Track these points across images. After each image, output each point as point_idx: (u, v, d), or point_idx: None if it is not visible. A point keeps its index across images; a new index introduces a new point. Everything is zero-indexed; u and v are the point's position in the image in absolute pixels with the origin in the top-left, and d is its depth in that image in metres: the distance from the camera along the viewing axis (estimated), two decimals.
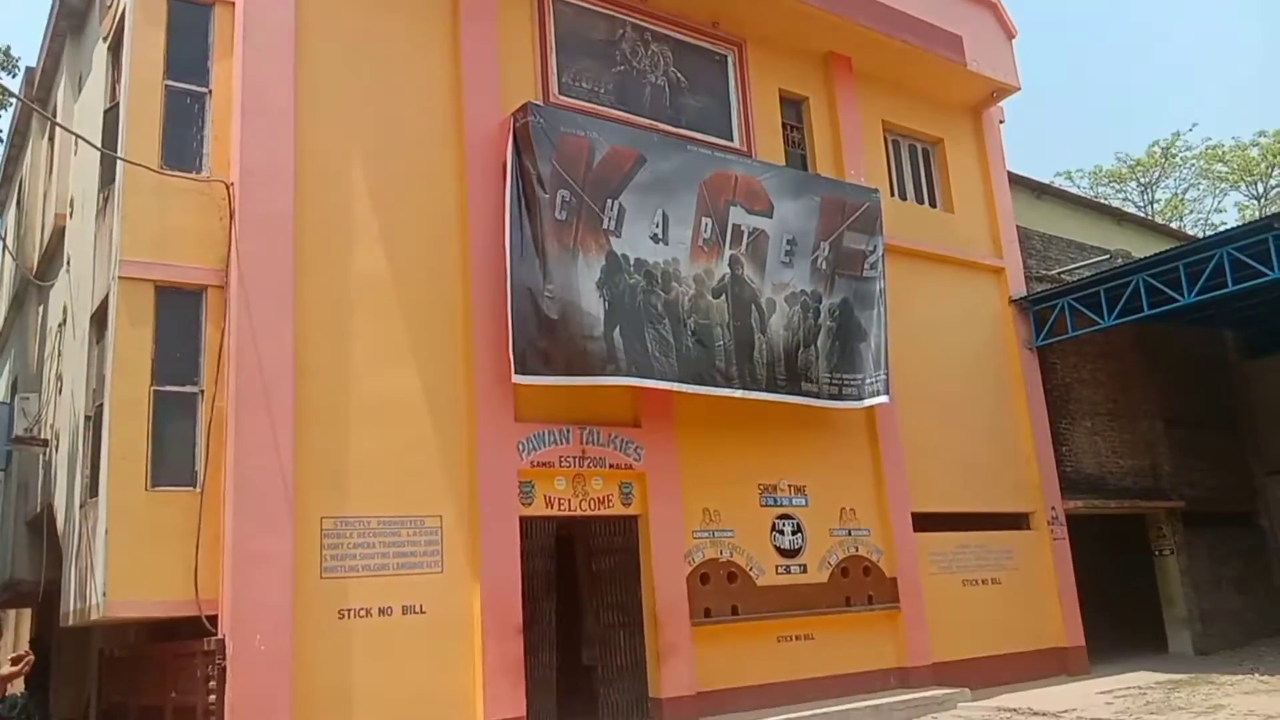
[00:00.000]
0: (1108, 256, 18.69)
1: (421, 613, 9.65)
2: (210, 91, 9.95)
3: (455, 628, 9.81)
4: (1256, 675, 14.00)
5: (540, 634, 10.60)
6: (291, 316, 9.53)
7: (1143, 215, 34.46)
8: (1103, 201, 31.98)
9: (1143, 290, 15.05)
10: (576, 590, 12.54)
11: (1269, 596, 19.82)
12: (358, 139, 10.46)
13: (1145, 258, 15.89)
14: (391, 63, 10.87)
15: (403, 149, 10.73)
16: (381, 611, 9.44)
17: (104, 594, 8.64)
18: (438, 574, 9.85)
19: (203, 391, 9.32)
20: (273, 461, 9.11)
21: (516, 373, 10.31)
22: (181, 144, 9.73)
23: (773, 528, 12.58)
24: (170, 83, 9.79)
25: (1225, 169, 38.47)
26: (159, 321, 9.26)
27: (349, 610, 9.29)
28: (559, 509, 10.98)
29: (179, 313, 9.36)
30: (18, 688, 15.38)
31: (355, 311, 10.05)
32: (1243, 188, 38.80)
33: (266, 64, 9.93)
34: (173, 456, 9.11)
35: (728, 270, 12.13)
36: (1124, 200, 38.76)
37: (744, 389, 11.97)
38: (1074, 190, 33.58)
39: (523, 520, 10.58)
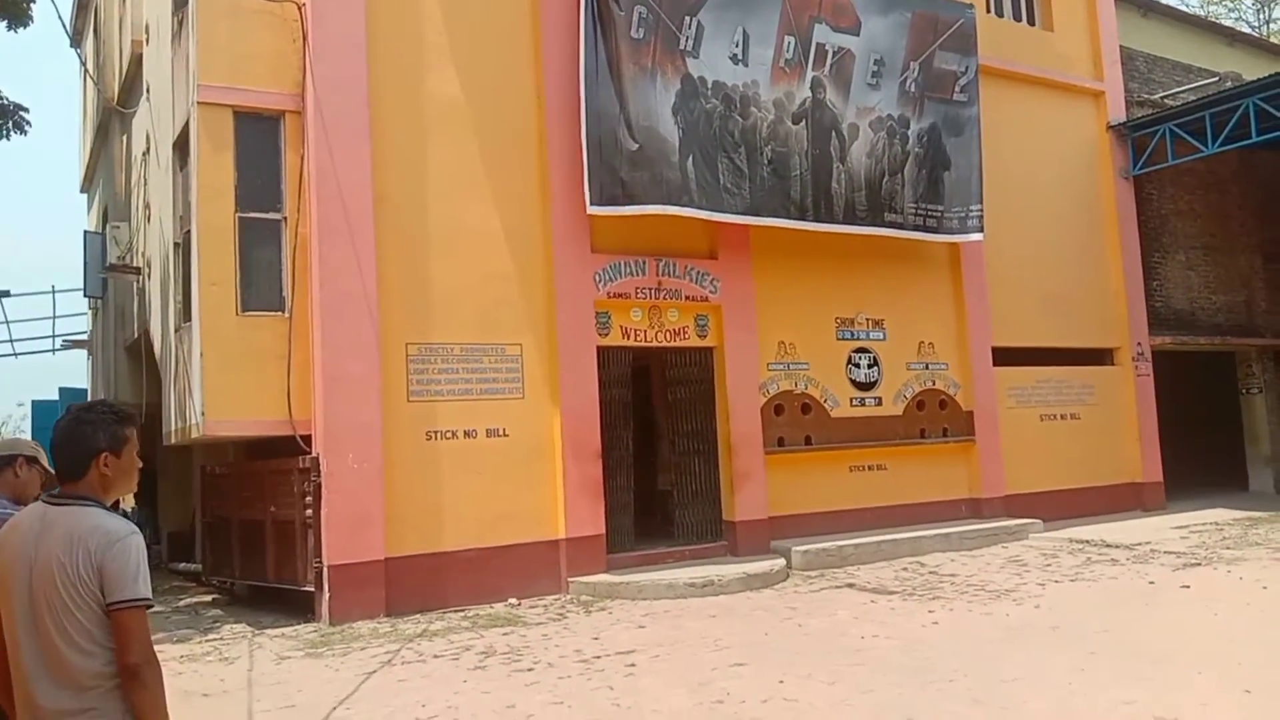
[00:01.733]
0: (1216, 79, 17.61)
1: (505, 435, 10.04)
2: None
3: (537, 450, 10.21)
4: None
5: (618, 459, 10.98)
6: (369, 143, 9.58)
7: (1257, 35, 32.13)
8: (1214, 20, 29.86)
9: (1253, 115, 14.21)
10: (653, 419, 12.87)
11: None
12: None
13: (1258, 80, 14.92)
14: None
15: None
16: (467, 434, 9.84)
17: (202, 414, 9.14)
18: (519, 400, 10.17)
19: (286, 218, 9.52)
20: (357, 287, 9.36)
21: (592, 203, 10.30)
22: None
23: (849, 361, 12.65)
24: None
25: None
26: (239, 147, 9.39)
27: (436, 432, 9.70)
28: (635, 340, 11.16)
29: (259, 138, 9.48)
30: (129, 503, 16.54)
31: (431, 138, 10.04)
32: None
33: None
34: (261, 282, 9.42)
35: (809, 94, 11.76)
36: (1237, 20, 36.12)
37: (819, 221, 11.80)
38: (1183, 8, 31.37)
39: (600, 350, 10.79)
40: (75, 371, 38.33)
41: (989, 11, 14.64)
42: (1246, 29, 33.88)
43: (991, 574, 10.25)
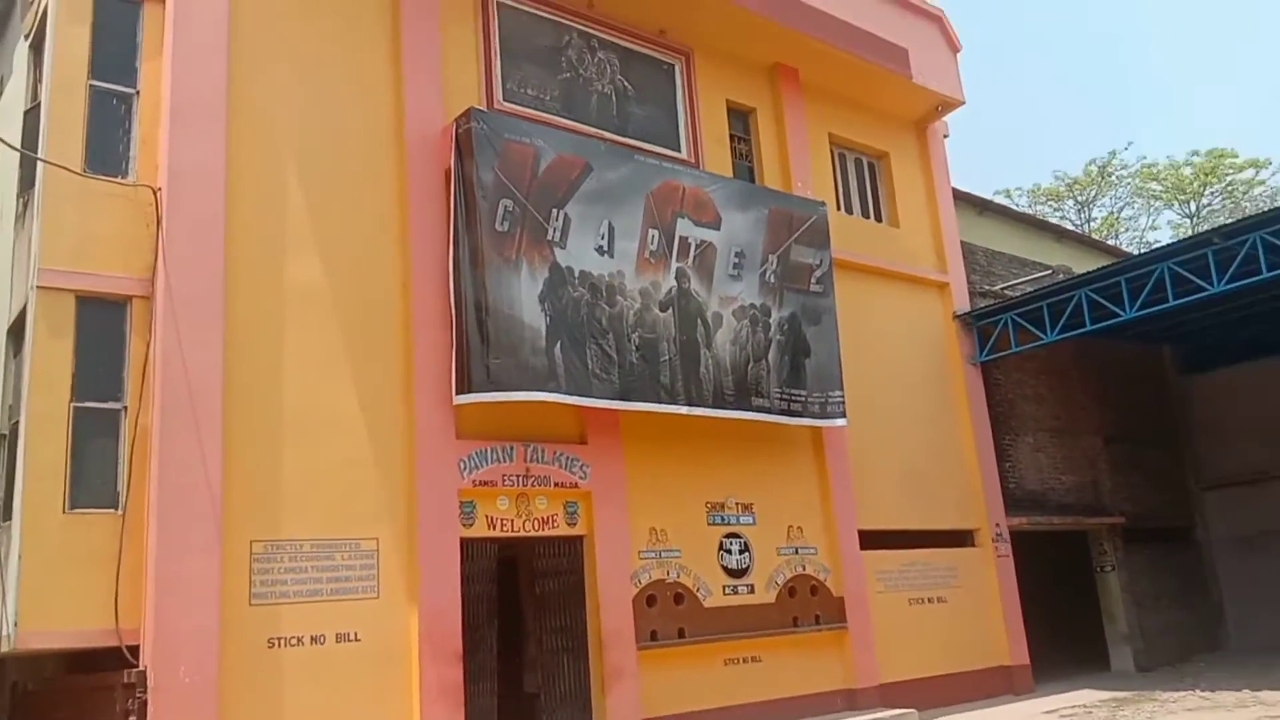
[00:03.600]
0: (1049, 272, 19.11)
1: (356, 640, 9.42)
2: (138, 92, 9.65)
3: (392, 655, 9.59)
4: (1198, 691, 14.36)
5: (481, 660, 10.42)
6: (221, 329, 9.27)
7: (1081, 232, 35.34)
8: (1042, 218, 32.74)
9: (1085, 305, 15.41)
10: (519, 614, 12.37)
11: (1207, 611, 20.40)
12: (293, 144, 10.24)
13: (1088, 272, 16.29)
14: (329, 65, 10.68)
15: (340, 155, 10.54)
16: (314, 640, 9.19)
17: (15, 624, 8.27)
18: (374, 599, 9.63)
19: (126, 408, 9.01)
20: (200, 481, 8.83)
21: (458, 391, 10.20)
22: (106, 147, 9.41)
23: (720, 547, 12.57)
24: (95, 83, 9.47)
25: (1159, 188, 39.72)
26: (80, 334, 8.92)
27: (280, 639, 9.02)
28: (502, 530, 10.83)
29: (102, 324, 9.04)
30: None
31: (289, 324, 9.81)
32: (1176, 206, 40.08)
33: (197, 64, 9.68)
34: (93, 476, 8.78)
35: (674, 283, 12.13)
36: (1061, 218, 39.73)
37: (689, 405, 11.95)
38: (1014, 207, 34.34)
39: (464, 542, 10.41)
40: None
41: (840, 209, 15.62)
42: (1071, 227, 37.24)
43: None
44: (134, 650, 8.51)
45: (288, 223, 10.05)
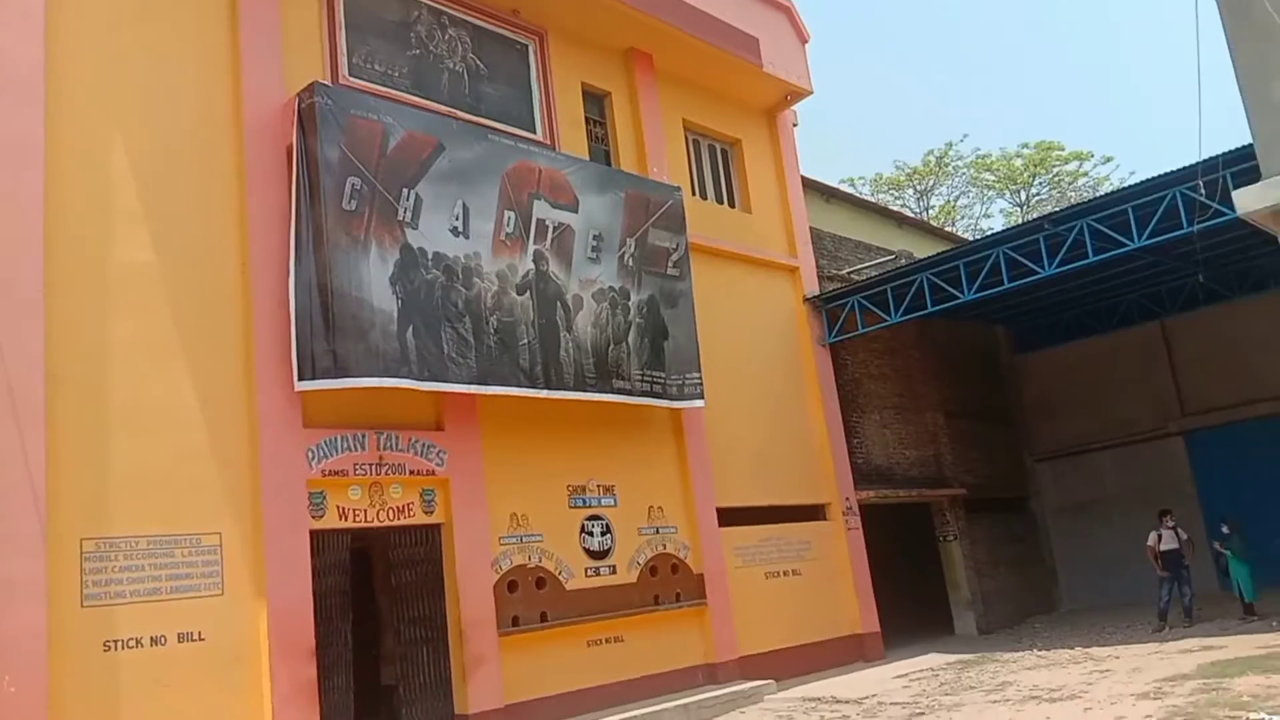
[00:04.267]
0: (892, 257, 19.82)
1: (200, 640, 8.92)
2: None
3: (239, 655, 9.13)
4: (1035, 651, 15.16)
5: (335, 655, 10.02)
6: (41, 313, 8.58)
7: (921, 219, 36.85)
8: (885, 206, 33.97)
9: (926, 288, 16.02)
10: (375, 606, 11.99)
11: (1041, 575, 21.62)
12: (121, 117, 9.58)
13: (929, 257, 16.95)
14: (161, 36, 10.03)
15: (175, 131, 9.92)
16: (155, 641, 8.65)
17: None
18: (218, 596, 9.13)
19: None
20: (21, 478, 8.15)
21: (300, 378, 9.77)
22: None
23: (582, 529, 12.50)
24: None
25: (992, 177, 41.80)
26: None
27: (116, 642, 8.45)
28: (354, 520, 10.45)
29: None
30: None
31: (117, 309, 9.17)
32: (1008, 195, 42.27)
33: (11, 30, 8.90)
34: None
35: (532, 265, 11.95)
36: (902, 206, 41.35)
37: (549, 388, 11.81)
38: (859, 195, 35.51)
39: (314, 534, 9.99)
40: None
41: (695, 194, 15.74)
42: (911, 214, 38.76)
43: None
44: None
45: (116, 201, 9.39)
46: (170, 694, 8.62)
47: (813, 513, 16.23)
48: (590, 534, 12.56)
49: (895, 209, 34.63)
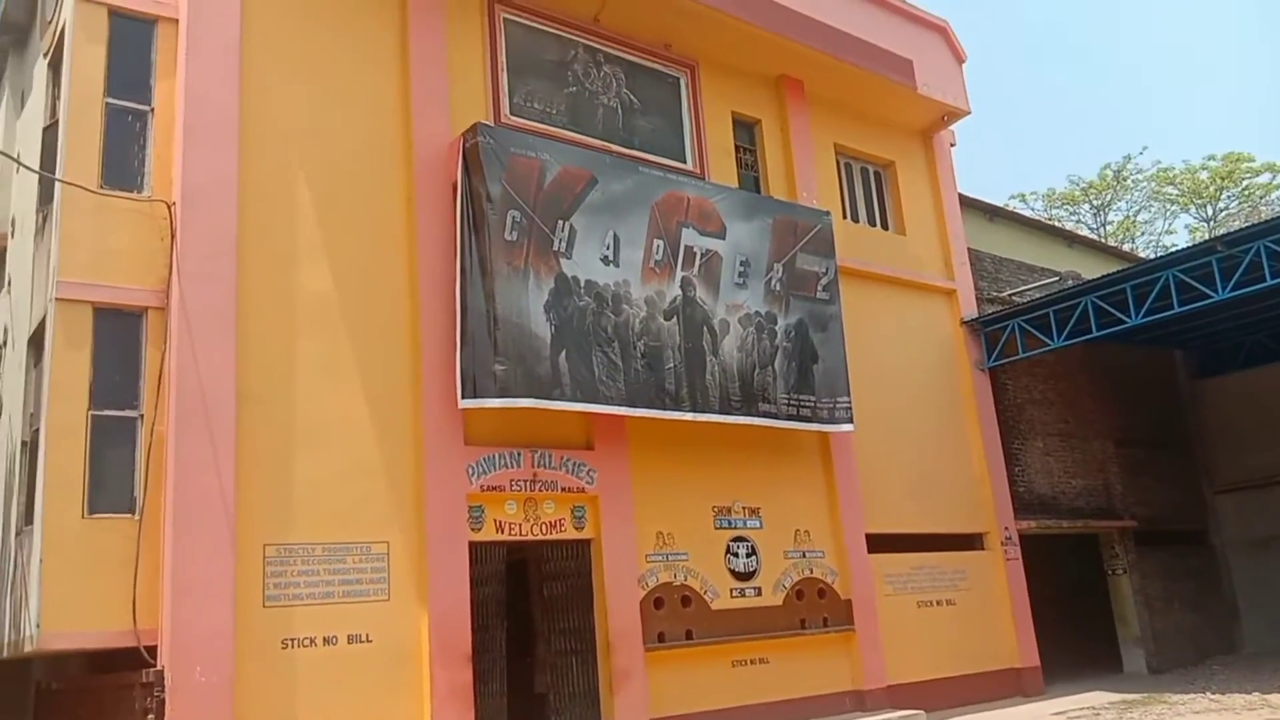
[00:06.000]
0: (1057, 279, 19.08)
1: (368, 641, 9.57)
2: (152, 109, 9.86)
3: (402, 657, 9.73)
4: (1208, 694, 14.25)
5: (490, 662, 10.54)
6: (233, 339, 9.46)
7: (1095, 237, 35.20)
8: (1054, 224, 32.65)
9: (1091, 311, 15.38)
10: (529, 616, 12.48)
11: (1220, 614, 20.22)
12: (303, 158, 10.44)
13: (1093, 280, 16.26)
14: (338, 81, 10.88)
15: (349, 168, 10.72)
16: (326, 641, 9.34)
17: (38, 625, 8.46)
18: (384, 602, 9.77)
19: (142, 415, 9.20)
20: (214, 487, 9.01)
21: (463, 396, 10.33)
22: (122, 163, 9.62)
23: (727, 550, 12.63)
24: (111, 100, 9.69)
25: (1175, 191, 39.48)
26: (97, 344, 9.12)
27: (293, 640, 9.18)
28: (510, 534, 10.96)
29: (118, 335, 9.24)
30: None
31: (300, 333, 9.99)
32: (1192, 210, 39.81)
33: (210, 81, 9.89)
34: (111, 482, 8.97)
35: (679, 292, 12.23)
36: (1077, 222, 39.61)
37: (694, 411, 12.04)
38: (1027, 213, 34.28)
39: (472, 545, 10.54)
40: None
41: (846, 218, 15.68)
42: (1086, 231, 37.09)
43: None
44: (152, 651, 8.68)
45: (298, 235, 10.24)
46: (341, 691, 9.27)
47: (969, 541, 15.81)
48: (735, 555, 12.67)
49: (1066, 227, 33.25)
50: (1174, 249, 25.21)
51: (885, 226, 16.66)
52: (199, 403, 9.10)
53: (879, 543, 14.22)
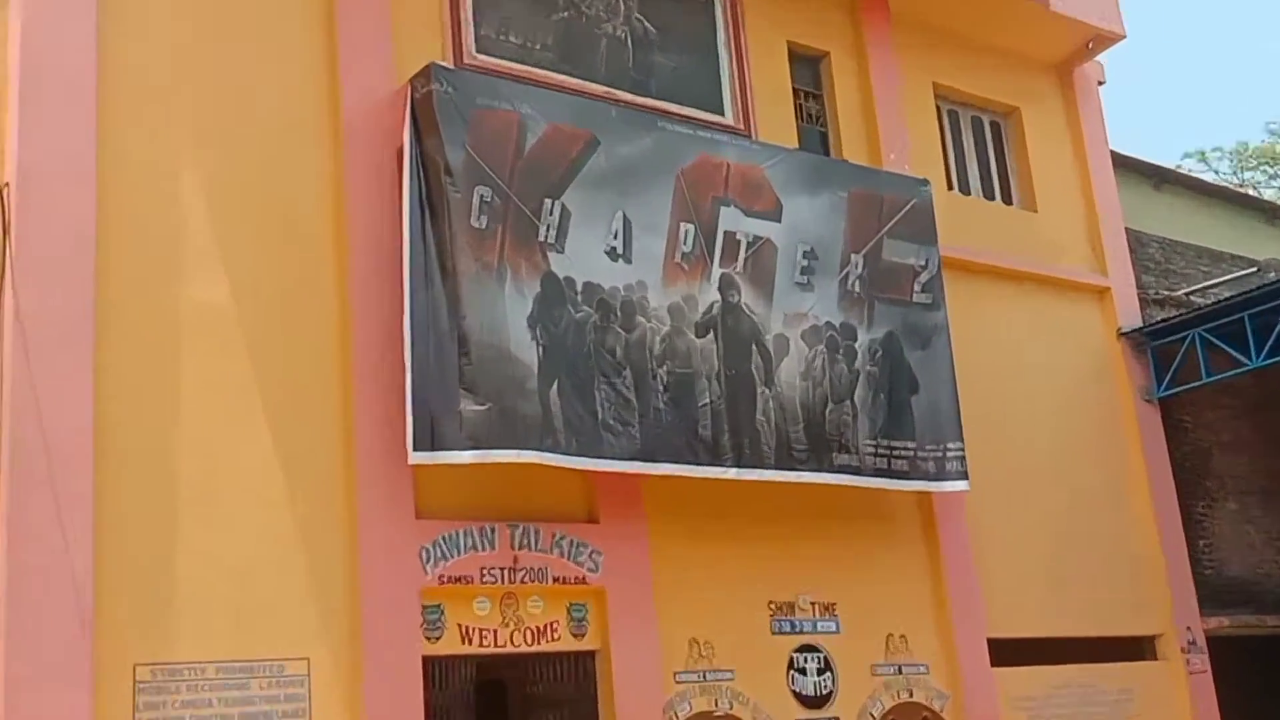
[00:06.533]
0: (1255, 270, 18.99)
1: None
2: None
3: None
4: None
5: None
6: (90, 369, 9.44)
7: None
8: (1249, 192, 32.54)
9: None
10: None
11: None
12: (187, 127, 10.47)
13: None
14: (235, 20, 10.94)
15: (254, 138, 10.75)
16: None
17: None
18: None
19: None
20: (63, 581, 8.96)
21: (415, 448, 10.28)
22: None
23: (790, 665, 12.59)
24: None
25: None
26: None
27: None
28: (481, 644, 10.92)
29: None
30: None
31: (184, 361, 9.98)
32: None
33: (56, 27, 9.95)
34: None
35: (718, 297, 12.24)
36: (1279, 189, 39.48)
37: (740, 466, 12.02)
38: (1210, 177, 34.21)
39: (427, 661, 10.52)
40: None
41: (952, 189, 15.73)
42: None
43: None
44: None
45: (184, 230, 10.26)
46: None
47: (1136, 648, 15.77)
48: (802, 671, 12.61)
49: (1266, 196, 33.13)
50: None
51: (1008, 200, 16.70)
52: (40, 459, 9.07)
53: (1007, 652, 14.15)
